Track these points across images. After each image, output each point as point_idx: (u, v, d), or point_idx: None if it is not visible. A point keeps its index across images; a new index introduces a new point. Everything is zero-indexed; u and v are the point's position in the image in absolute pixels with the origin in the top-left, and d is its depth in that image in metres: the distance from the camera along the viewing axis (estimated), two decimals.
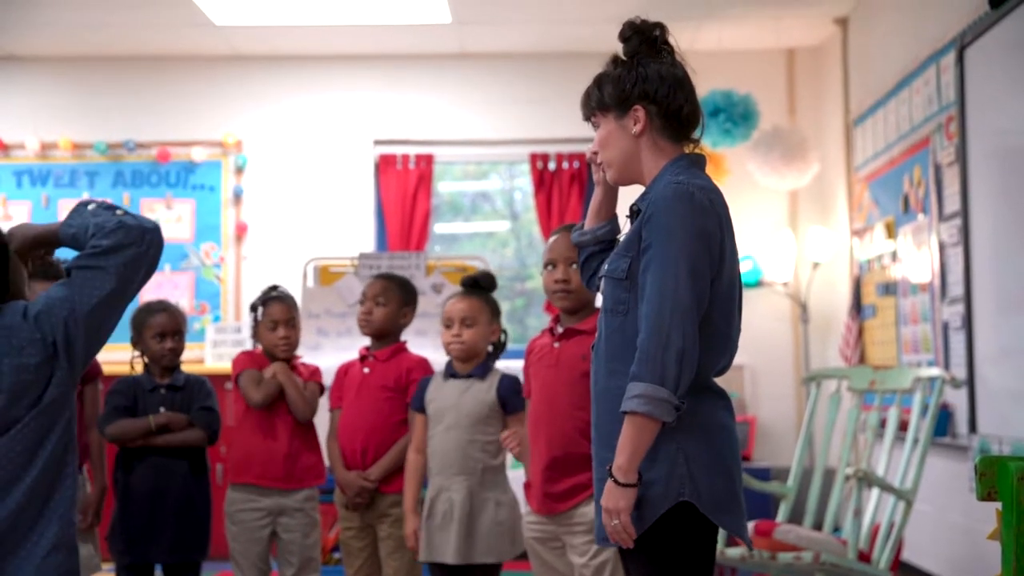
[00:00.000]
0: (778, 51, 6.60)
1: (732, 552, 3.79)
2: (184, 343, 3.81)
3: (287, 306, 3.85)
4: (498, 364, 3.53)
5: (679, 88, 2.20)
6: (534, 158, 6.56)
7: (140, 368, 3.80)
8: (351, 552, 3.68)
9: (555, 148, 6.56)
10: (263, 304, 3.86)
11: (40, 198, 6.57)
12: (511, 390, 3.38)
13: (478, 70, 6.67)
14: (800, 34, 6.38)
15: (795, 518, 4.47)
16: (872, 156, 5.53)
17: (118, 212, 2.05)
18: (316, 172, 6.61)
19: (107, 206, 2.07)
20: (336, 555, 5.26)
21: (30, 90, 6.68)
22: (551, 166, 6.55)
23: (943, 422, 4.42)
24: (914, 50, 4.91)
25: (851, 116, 5.90)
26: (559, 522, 3.02)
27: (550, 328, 3.10)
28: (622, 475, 2.04)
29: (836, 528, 4.28)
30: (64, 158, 6.59)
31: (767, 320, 6.37)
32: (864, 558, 3.84)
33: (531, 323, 6.92)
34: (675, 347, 2.02)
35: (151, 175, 6.61)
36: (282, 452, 3.74)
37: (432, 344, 5.24)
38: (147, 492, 3.64)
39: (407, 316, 3.78)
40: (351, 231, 6.53)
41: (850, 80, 5.97)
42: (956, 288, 4.40)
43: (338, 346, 5.46)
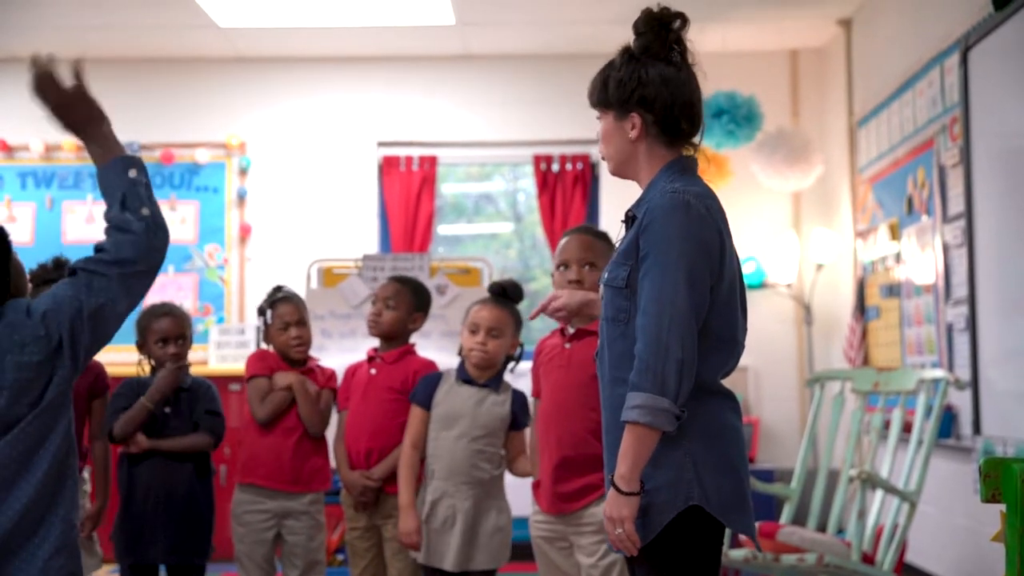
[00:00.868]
0: (782, 52, 6.60)
1: (736, 554, 3.79)
2: (188, 346, 3.79)
3: (295, 306, 3.81)
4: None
5: (679, 96, 2.17)
6: (537, 160, 6.56)
7: (148, 370, 3.81)
8: (356, 552, 3.68)
9: (559, 150, 6.56)
10: (271, 306, 3.84)
11: (44, 199, 6.58)
12: (522, 406, 3.41)
13: (482, 72, 6.67)
14: (804, 35, 6.38)
15: (799, 520, 4.47)
16: (876, 157, 5.52)
17: (143, 212, 2.04)
18: (320, 174, 6.62)
19: (142, 194, 2.06)
20: (340, 557, 5.27)
21: None
22: (555, 168, 6.55)
23: (947, 424, 4.42)
24: (918, 51, 4.91)
25: (855, 118, 5.90)
26: (568, 522, 3.02)
27: (561, 328, 3.10)
28: (624, 484, 2.04)
29: (840, 530, 4.28)
30: (68, 160, 6.59)
31: (771, 322, 6.37)
32: (868, 560, 3.84)
33: (535, 325, 6.91)
34: (674, 357, 2.02)
35: (155, 176, 6.60)
36: (289, 454, 3.72)
37: (436, 346, 5.24)
38: (151, 493, 3.64)
39: (417, 321, 3.77)
40: (355, 232, 6.53)
41: (854, 81, 5.97)
42: (960, 290, 4.39)
43: (342, 347, 5.46)
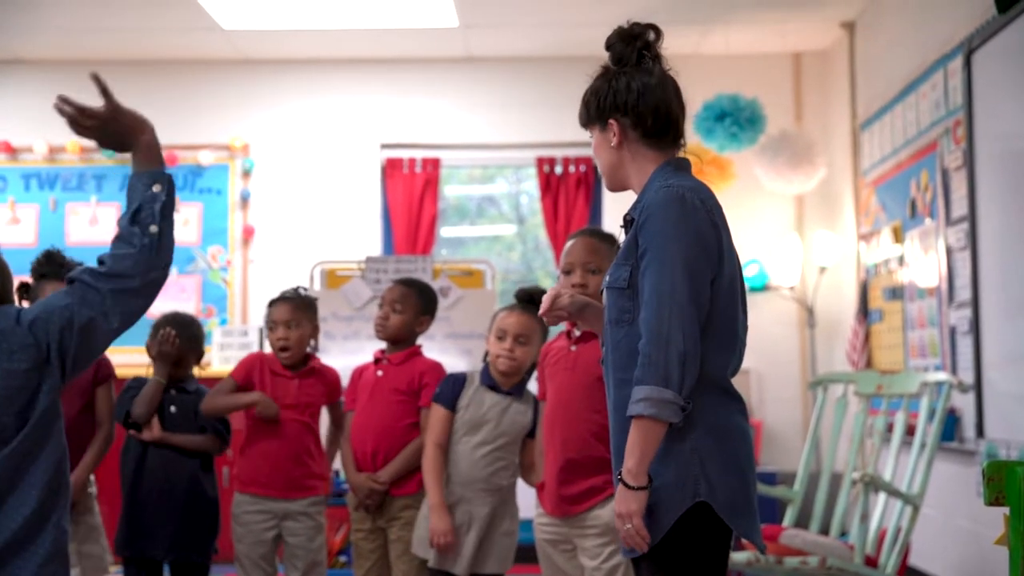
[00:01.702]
0: (785, 55, 6.59)
1: (739, 556, 3.78)
2: (196, 363, 3.86)
3: (290, 306, 3.77)
4: None
5: (649, 98, 2.21)
6: (540, 162, 6.56)
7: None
8: (361, 554, 3.68)
9: (561, 152, 6.56)
10: (269, 306, 3.84)
11: (48, 201, 6.59)
12: (539, 415, 3.38)
13: (485, 74, 6.67)
14: (807, 38, 6.38)
15: (801, 522, 4.46)
16: (879, 160, 5.52)
17: (151, 229, 2.03)
18: (323, 175, 6.62)
19: (156, 211, 2.05)
20: (342, 558, 5.26)
21: (38, 93, 6.66)
22: (557, 170, 6.55)
23: (950, 427, 4.41)
24: (921, 54, 4.90)
25: (858, 120, 5.89)
26: (572, 524, 3.03)
27: (567, 331, 3.10)
28: (632, 478, 2.04)
29: (843, 533, 4.28)
30: (72, 161, 6.60)
31: (774, 324, 6.36)
32: (871, 563, 3.84)
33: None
34: (676, 348, 2.03)
35: None
36: (287, 463, 3.71)
37: (439, 347, 5.24)
38: (156, 488, 3.65)
39: (424, 324, 3.77)
40: (358, 235, 6.54)
41: (857, 84, 5.97)
42: (963, 292, 4.39)
43: (344, 349, 5.47)
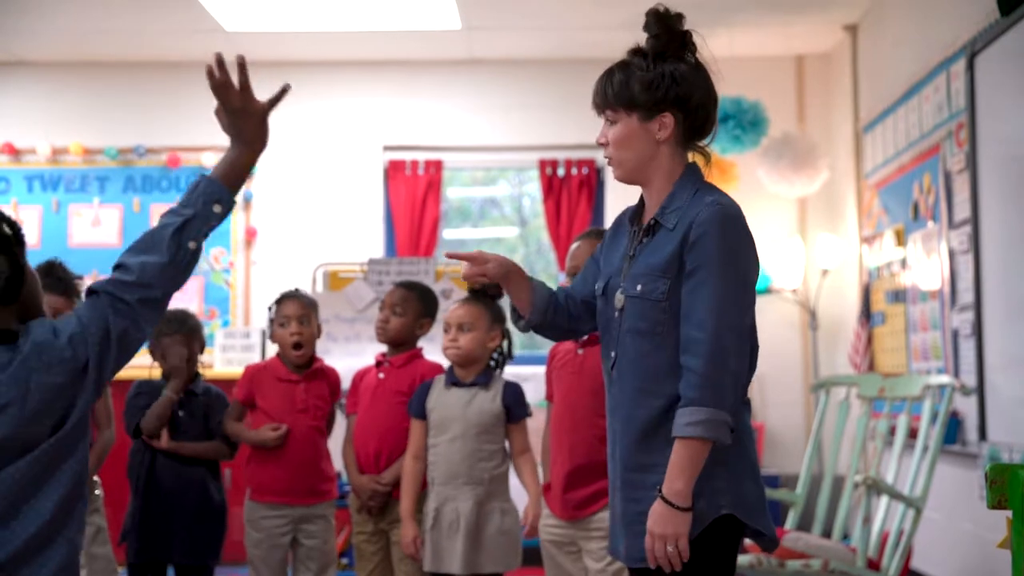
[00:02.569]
0: (788, 58, 6.59)
1: (741, 559, 3.78)
2: (200, 353, 3.86)
3: (301, 303, 3.80)
4: (518, 370, 3.52)
5: (710, 102, 2.14)
6: (543, 164, 6.56)
7: (158, 374, 3.82)
8: (364, 556, 3.68)
9: (564, 154, 6.56)
10: (277, 303, 3.84)
11: (51, 203, 6.59)
12: (515, 399, 3.38)
13: (487, 76, 6.68)
14: (810, 41, 6.37)
15: (804, 526, 4.46)
16: (882, 163, 5.52)
17: (190, 245, 2.12)
18: (325, 177, 6.62)
19: (203, 229, 2.15)
20: (343, 561, 5.26)
21: (41, 95, 6.70)
22: (560, 172, 6.55)
23: (953, 430, 4.41)
24: (924, 57, 4.90)
25: (861, 123, 5.89)
26: (577, 527, 3.04)
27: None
28: (681, 500, 2.01)
29: (845, 536, 4.27)
30: (75, 163, 6.61)
31: (776, 327, 6.36)
32: (873, 566, 3.83)
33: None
34: (731, 370, 2.03)
35: (161, 180, 6.62)
36: (302, 469, 3.71)
37: (440, 350, 5.24)
38: (165, 492, 3.65)
39: (424, 327, 3.77)
40: (360, 236, 6.53)
41: (860, 87, 5.97)
42: (966, 295, 4.39)
43: (347, 351, 5.47)
